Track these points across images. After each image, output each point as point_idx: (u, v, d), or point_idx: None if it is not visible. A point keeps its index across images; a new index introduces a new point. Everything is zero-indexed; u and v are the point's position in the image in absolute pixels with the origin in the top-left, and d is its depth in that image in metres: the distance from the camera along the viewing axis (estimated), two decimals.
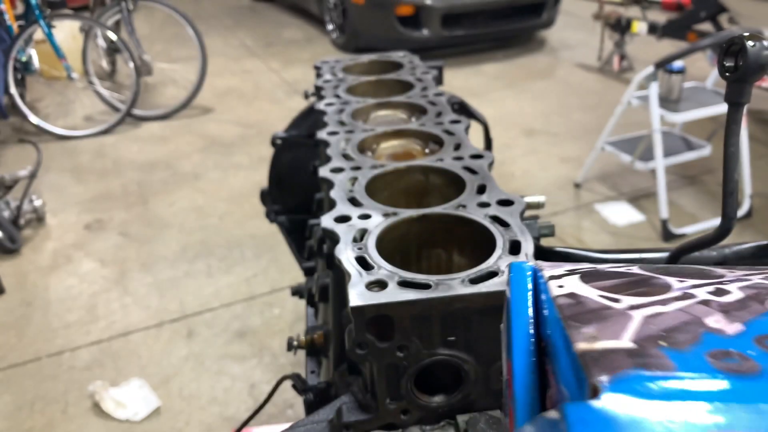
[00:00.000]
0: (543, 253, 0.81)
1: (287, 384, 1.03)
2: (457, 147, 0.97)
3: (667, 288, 0.31)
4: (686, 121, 3.28)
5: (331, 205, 0.82)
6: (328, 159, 0.97)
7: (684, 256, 0.70)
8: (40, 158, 3.61)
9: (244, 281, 2.76)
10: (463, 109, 1.27)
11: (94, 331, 2.50)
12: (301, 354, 1.31)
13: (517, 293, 0.33)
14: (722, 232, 0.61)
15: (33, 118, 4.29)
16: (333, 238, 0.74)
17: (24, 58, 4.46)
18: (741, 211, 3.09)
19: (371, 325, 0.63)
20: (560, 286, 0.31)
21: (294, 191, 1.78)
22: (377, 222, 0.77)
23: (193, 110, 4.76)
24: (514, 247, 0.70)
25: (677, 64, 3.01)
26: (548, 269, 0.33)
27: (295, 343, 1.08)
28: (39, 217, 3.26)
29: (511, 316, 0.32)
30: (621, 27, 4.94)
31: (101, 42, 5.19)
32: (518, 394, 0.30)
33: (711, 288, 0.31)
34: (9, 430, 2.07)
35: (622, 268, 0.33)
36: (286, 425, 0.77)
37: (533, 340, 0.31)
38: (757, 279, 0.32)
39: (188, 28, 4.44)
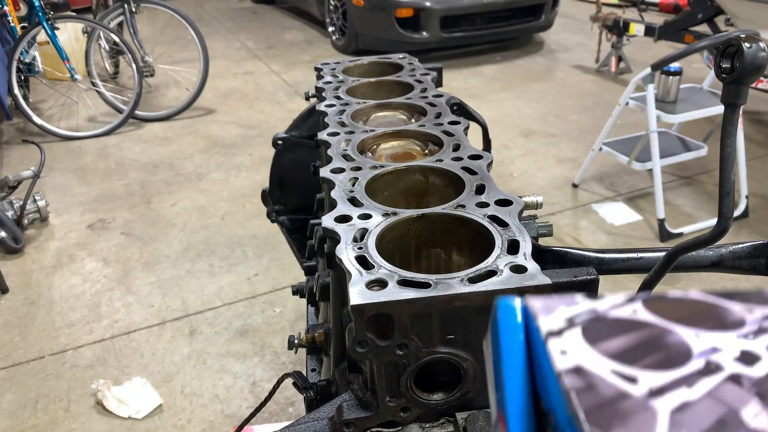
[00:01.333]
0: (541, 253, 0.82)
1: (288, 382, 1.04)
2: (456, 147, 0.98)
3: (686, 353, 0.27)
4: (683, 122, 3.29)
5: (332, 205, 0.83)
6: (328, 159, 0.98)
7: (681, 255, 0.70)
8: (44, 159, 3.63)
9: (246, 280, 2.78)
10: (462, 110, 1.28)
11: (97, 330, 2.51)
12: (302, 352, 1.32)
13: (507, 342, 0.29)
14: (719, 231, 0.62)
15: (36, 119, 4.30)
16: (333, 238, 0.76)
17: (27, 60, 4.48)
18: (737, 211, 3.10)
19: (371, 324, 0.64)
20: (563, 352, 0.26)
21: (295, 191, 1.79)
22: (377, 222, 0.78)
23: (195, 111, 4.77)
24: (513, 247, 0.70)
25: (674, 65, 3.02)
26: (542, 314, 0.29)
27: (297, 341, 1.10)
28: (42, 217, 3.27)
29: (503, 371, 0.28)
30: (618, 29, 4.95)
31: (104, 44, 5.21)
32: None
33: (736, 351, 0.26)
34: (12, 428, 2.08)
35: (627, 311, 0.29)
36: (288, 423, 0.79)
37: (529, 394, 0.28)
38: None
39: (190, 30, 4.45)
